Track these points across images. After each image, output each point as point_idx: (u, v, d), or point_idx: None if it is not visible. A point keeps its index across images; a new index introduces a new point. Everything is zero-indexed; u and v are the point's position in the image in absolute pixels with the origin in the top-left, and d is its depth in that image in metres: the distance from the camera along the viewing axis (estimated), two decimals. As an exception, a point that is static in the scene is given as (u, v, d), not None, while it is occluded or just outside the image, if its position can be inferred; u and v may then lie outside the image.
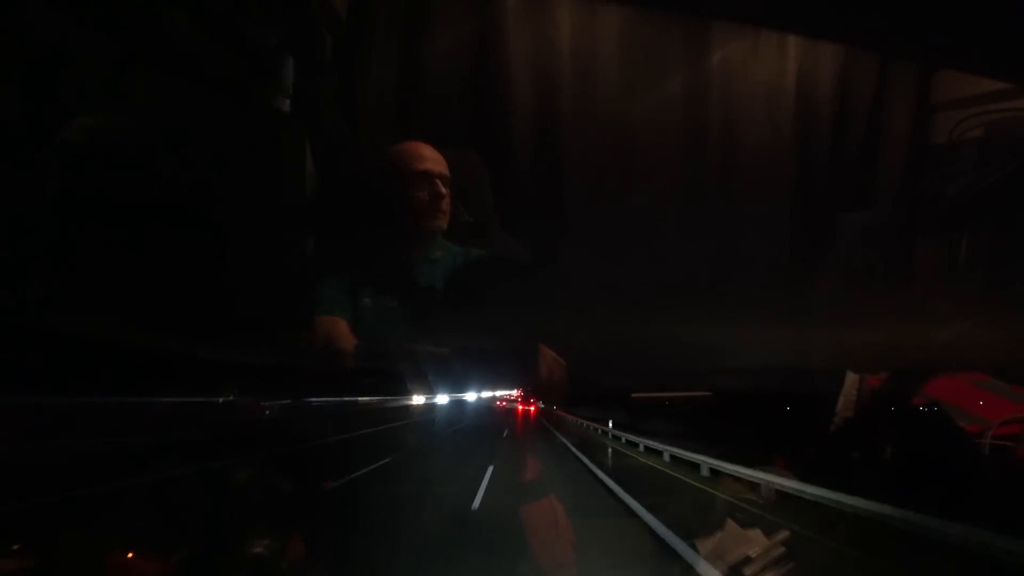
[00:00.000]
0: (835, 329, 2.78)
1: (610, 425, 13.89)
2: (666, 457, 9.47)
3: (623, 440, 12.49)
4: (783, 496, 5.47)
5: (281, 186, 2.12)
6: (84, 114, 1.73)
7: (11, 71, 1.60)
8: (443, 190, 2.12)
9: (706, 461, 7.72)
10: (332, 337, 2.05)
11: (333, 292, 2.15)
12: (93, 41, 1.73)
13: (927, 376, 4.28)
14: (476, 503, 4.59)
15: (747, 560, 1.58)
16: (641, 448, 10.56)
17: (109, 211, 1.69)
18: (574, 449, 11.30)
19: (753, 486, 5.79)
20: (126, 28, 1.76)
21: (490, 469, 6.53)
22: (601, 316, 2.58)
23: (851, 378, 4.64)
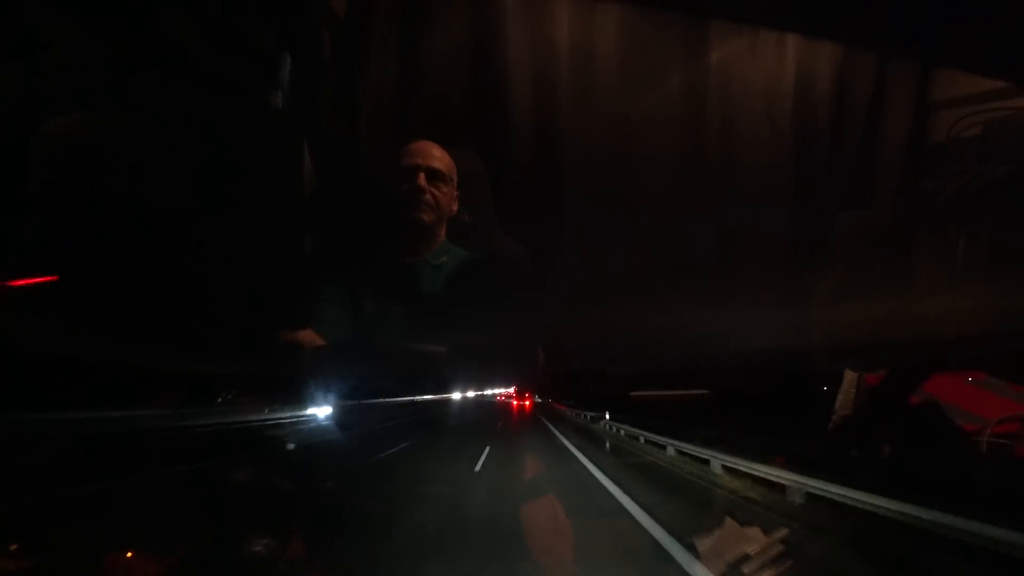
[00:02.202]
0: (833, 327, 2.79)
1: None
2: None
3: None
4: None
5: (279, 187, 2.12)
6: (78, 113, 1.73)
7: (8, 71, 1.60)
8: (423, 183, 2.15)
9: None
10: (306, 344, 2.08)
11: (336, 298, 2.17)
12: (90, 40, 1.72)
13: (925, 374, 4.30)
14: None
15: (746, 558, 1.59)
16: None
17: (100, 218, 1.69)
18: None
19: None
20: (123, 27, 1.75)
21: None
22: (601, 312, 2.58)
23: (849, 376, 4.66)
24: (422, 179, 2.15)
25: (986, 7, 2.11)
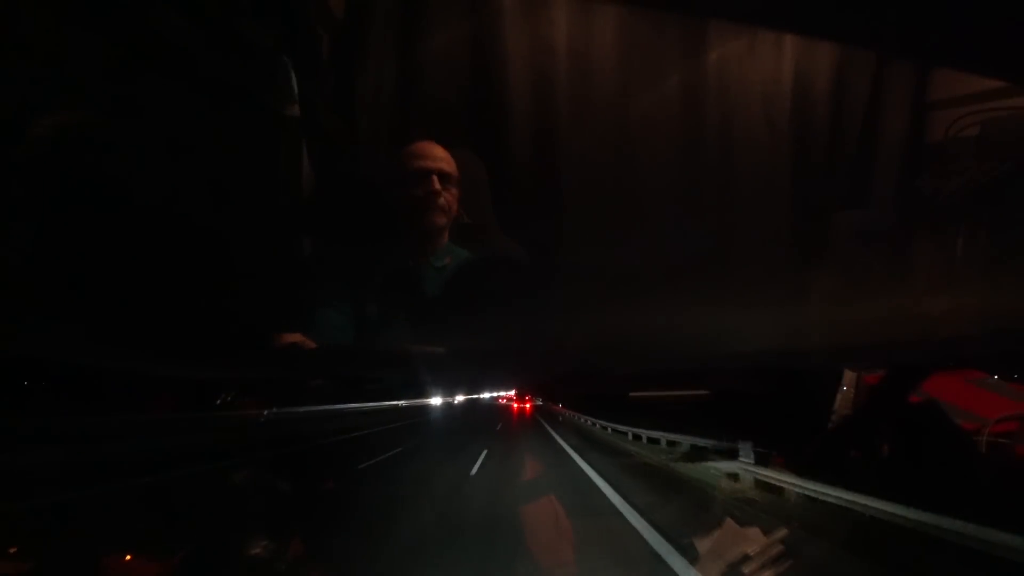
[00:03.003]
0: (832, 327, 2.79)
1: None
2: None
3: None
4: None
5: (278, 191, 2.11)
6: (73, 114, 1.73)
7: (3, 72, 1.59)
8: (438, 186, 2.13)
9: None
10: (295, 346, 2.07)
11: (336, 301, 2.17)
12: (86, 40, 1.72)
13: (924, 374, 4.30)
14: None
15: (746, 558, 1.59)
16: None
17: (97, 222, 1.68)
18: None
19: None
20: (119, 28, 1.75)
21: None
22: (601, 313, 2.58)
23: (849, 376, 4.65)
24: (436, 182, 2.14)
25: (984, 6, 2.11)
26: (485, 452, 8.36)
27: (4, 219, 1.62)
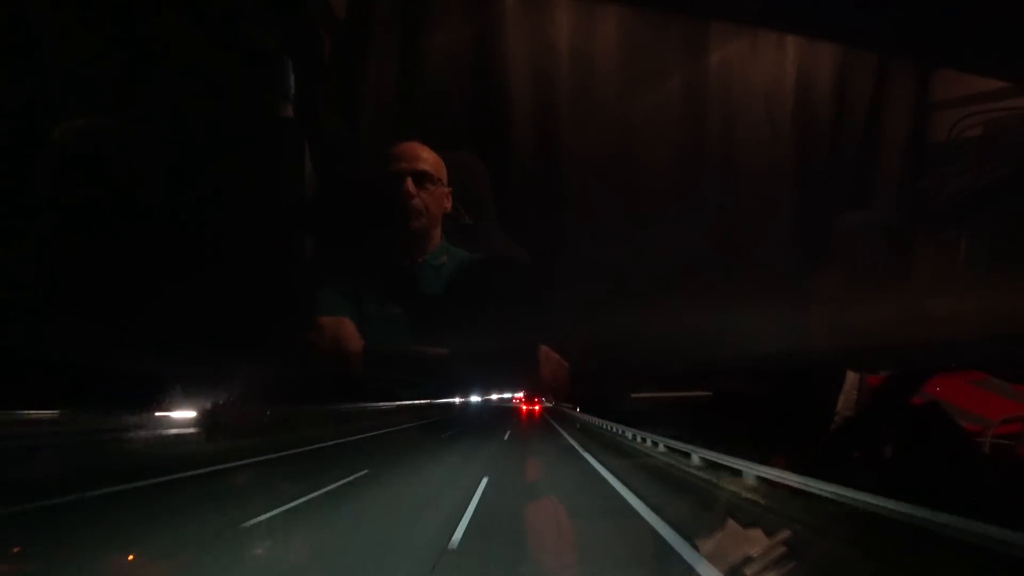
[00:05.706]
0: (834, 328, 2.78)
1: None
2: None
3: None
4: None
5: (280, 189, 2.12)
6: (80, 116, 1.74)
7: (13, 75, 1.60)
8: (412, 189, 2.14)
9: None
10: (340, 339, 2.09)
11: (334, 299, 2.18)
12: (92, 42, 1.73)
13: (926, 375, 4.28)
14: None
15: (748, 560, 1.59)
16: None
17: (104, 221, 1.69)
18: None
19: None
20: (125, 30, 1.76)
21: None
22: (603, 314, 2.58)
23: (851, 377, 4.63)
24: (410, 184, 2.15)
25: (985, 8, 2.12)
26: (485, 481, 4.82)
27: (6, 219, 1.63)
